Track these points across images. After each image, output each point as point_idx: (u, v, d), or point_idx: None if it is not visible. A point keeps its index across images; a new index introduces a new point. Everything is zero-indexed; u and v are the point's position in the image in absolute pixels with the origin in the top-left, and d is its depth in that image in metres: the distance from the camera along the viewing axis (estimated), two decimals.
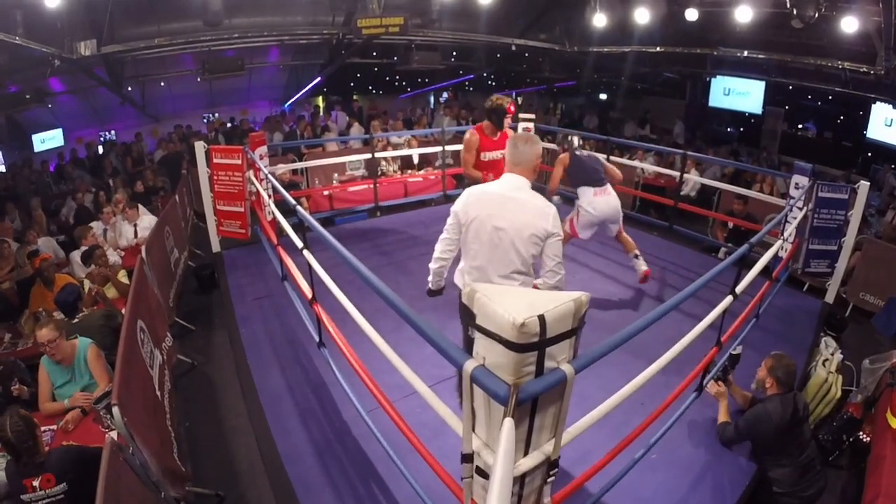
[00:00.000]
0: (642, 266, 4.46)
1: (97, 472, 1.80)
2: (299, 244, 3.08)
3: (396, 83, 13.31)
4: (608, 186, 4.42)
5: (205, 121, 11.12)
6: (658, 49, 9.60)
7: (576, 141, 4.65)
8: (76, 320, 3.66)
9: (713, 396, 3.07)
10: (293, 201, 3.18)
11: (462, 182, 7.59)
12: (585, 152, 4.70)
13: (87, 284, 4.38)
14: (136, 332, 2.91)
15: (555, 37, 9.99)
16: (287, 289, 3.88)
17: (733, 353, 3.12)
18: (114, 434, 2.49)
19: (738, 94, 11.33)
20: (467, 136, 3.84)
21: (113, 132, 10.29)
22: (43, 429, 2.72)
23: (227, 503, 2.81)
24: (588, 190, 4.36)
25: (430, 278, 2.74)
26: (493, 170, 3.74)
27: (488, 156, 3.83)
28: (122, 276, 4.56)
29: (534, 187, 2.43)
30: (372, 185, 6.61)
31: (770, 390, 2.77)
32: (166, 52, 7.60)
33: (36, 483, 2.23)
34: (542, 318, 1.30)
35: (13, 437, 2.24)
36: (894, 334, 4.34)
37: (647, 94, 13.02)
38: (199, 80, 9.54)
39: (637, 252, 4.51)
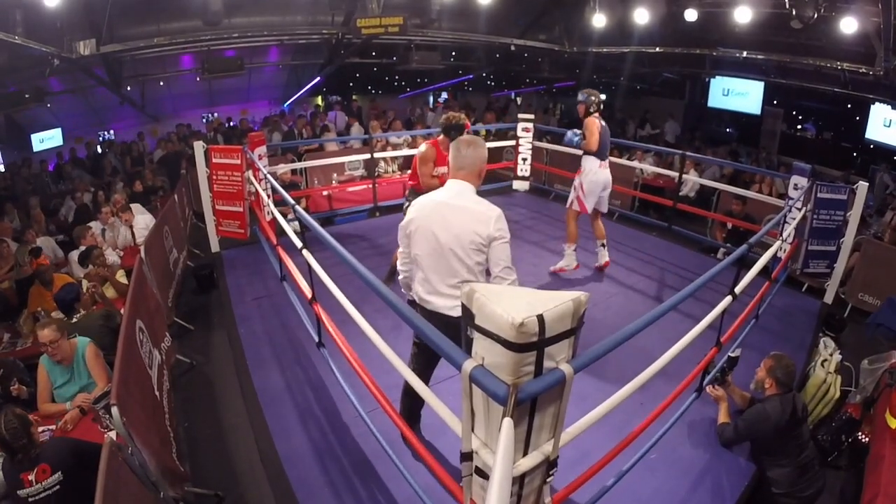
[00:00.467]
0: (605, 256, 4.93)
1: (92, 465, 1.80)
2: (298, 244, 3.08)
3: (396, 83, 13.31)
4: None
5: (204, 120, 11.11)
6: (657, 49, 9.60)
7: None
8: (75, 320, 3.66)
9: (713, 399, 3.08)
10: (292, 201, 3.18)
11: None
12: (603, 122, 4.81)
13: (85, 284, 4.37)
14: (135, 332, 2.91)
15: (554, 37, 10.00)
16: (286, 289, 3.88)
17: (732, 355, 3.12)
18: (113, 434, 2.49)
19: (738, 94, 11.33)
20: (424, 149, 3.86)
21: (112, 132, 10.28)
22: (41, 429, 2.72)
23: (226, 503, 2.80)
24: (595, 161, 4.65)
25: (404, 290, 2.63)
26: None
27: (440, 170, 3.84)
28: (121, 276, 4.55)
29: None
30: (371, 186, 6.61)
31: (769, 391, 2.78)
32: (166, 51, 7.59)
33: (31, 476, 2.23)
34: (540, 318, 1.30)
35: (7, 435, 2.25)
36: None
37: (646, 95, 13.03)
38: (198, 79, 9.54)
39: (605, 242, 4.92)
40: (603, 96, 15.06)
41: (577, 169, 4.82)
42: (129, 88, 9.08)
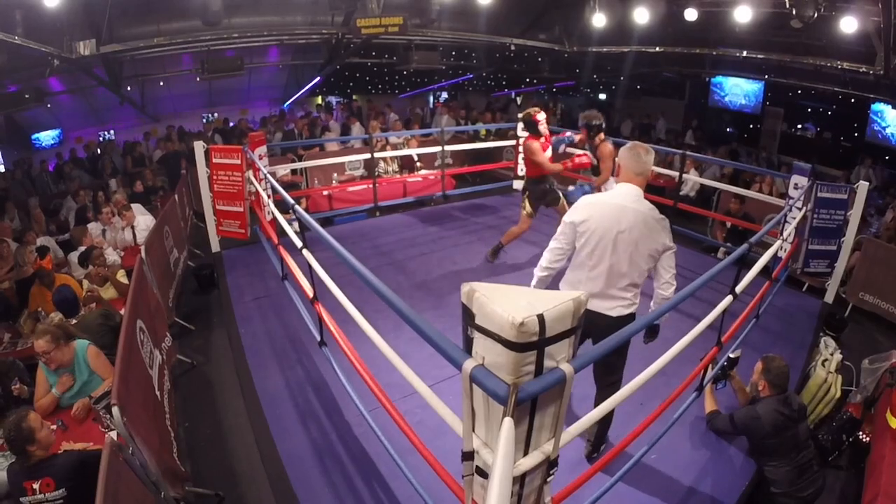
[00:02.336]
0: None
1: (97, 475, 1.80)
2: (299, 244, 3.08)
3: (396, 83, 13.30)
4: None
5: (204, 120, 11.11)
6: (657, 49, 9.59)
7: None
8: (75, 321, 3.66)
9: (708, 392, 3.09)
10: (292, 201, 3.18)
11: (464, 181, 7.65)
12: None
13: (85, 285, 4.38)
14: (135, 333, 2.91)
15: (554, 37, 9.99)
16: (287, 288, 3.88)
17: (732, 355, 3.11)
18: (113, 434, 2.48)
19: (738, 94, 11.34)
20: (532, 144, 4.47)
21: (112, 132, 10.28)
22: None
23: (226, 503, 2.80)
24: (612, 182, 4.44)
25: (533, 283, 2.61)
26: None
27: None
28: (122, 276, 4.55)
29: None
30: (371, 185, 6.61)
31: (763, 392, 2.79)
32: (165, 51, 7.58)
33: (36, 486, 2.24)
34: (541, 318, 1.30)
35: (7, 442, 2.27)
36: None
37: (646, 95, 13.03)
38: (198, 79, 9.53)
39: None
40: (602, 96, 15.03)
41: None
42: (129, 88, 9.08)
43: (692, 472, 2.75)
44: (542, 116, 4.59)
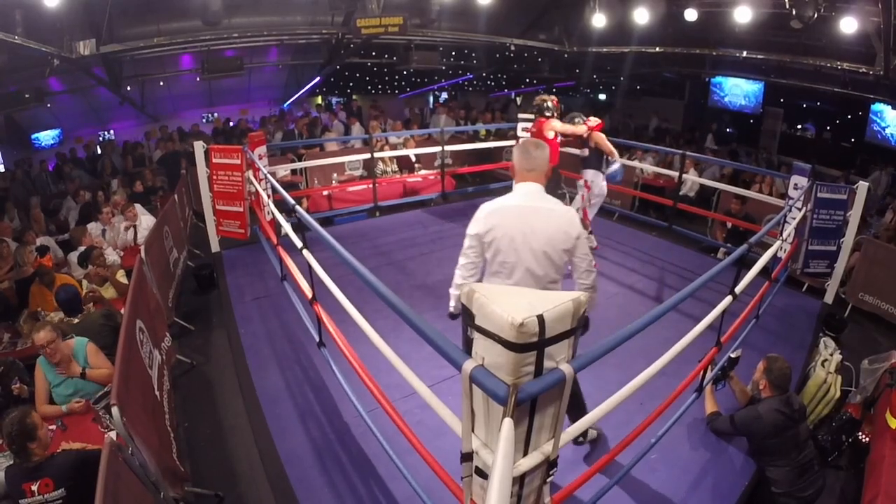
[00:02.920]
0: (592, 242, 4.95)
1: (97, 475, 1.80)
2: (299, 244, 3.08)
3: (395, 83, 13.30)
4: None
5: (203, 120, 11.11)
6: (657, 49, 9.60)
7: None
8: (76, 321, 3.66)
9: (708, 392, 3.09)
10: (292, 201, 3.18)
11: (464, 181, 7.65)
12: None
13: (85, 285, 4.37)
14: (135, 333, 2.91)
15: (554, 37, 9.99)
16: (286, 289, 3.88)
17: (732, 355, 3.12)
18: (113, 434, 2.48)
19: (738, 94, 11.34)
20: (553, 122, 4.83)
21: (112, 132, 10.28)
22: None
23: (226, 503, 2.80)
24: (598, 174, 4.78)
25: (452, 303, 2.64)
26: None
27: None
28: (121, 276, 4.55)
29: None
30: (371, 185, 6.61)
31: (764, 392, 2.79)
32: (165, 51, 7.58)
33: (34, 487, 2.23)
34: (540, 318, 1.30)
35: (7, 440, 2.27)
36: None
37: (646, 95, 13.03)
38: (198, 79, 9.54)
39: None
40: (602, 96, 15.00)
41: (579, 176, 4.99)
42: (128, 88, 9.07)
43: (692, 472, 2.75)
44: (550, 104, 4.90)
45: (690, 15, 7.83)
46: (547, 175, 2.32)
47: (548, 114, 4.83)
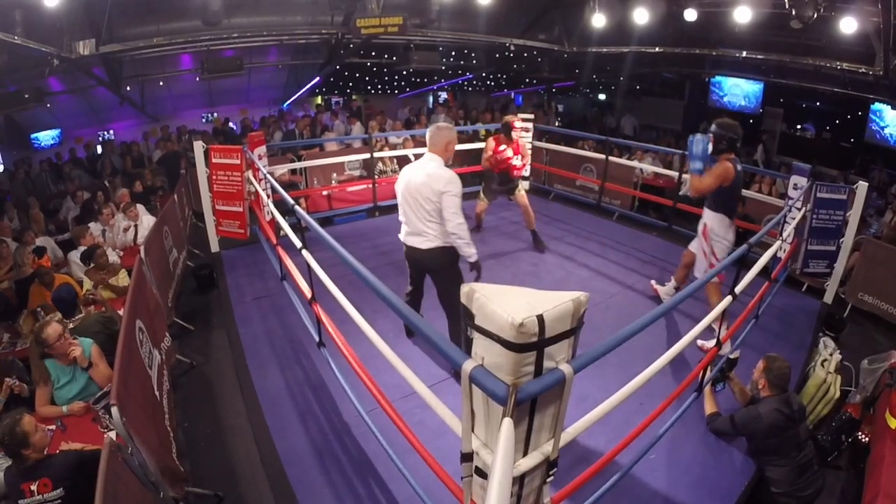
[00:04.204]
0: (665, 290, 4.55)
1: (96, 475, 1.79)
2: (298, 244, 3.08)
3: (395, 83, 13.30)
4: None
5: (203, 120, 11.11)
6: (657, 49, 9.60)
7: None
8: (72, 324, 3.64)
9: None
10: (291, 201, 3.18)
11: (463, 181, 7.71)
12: (739, 167, 3.62)
13: (85, 284, 4.37)
14: (135, 333, 2.91)
15: (554, 37, 9.99)
16: (286, 289, 3.88)
17: (731, 356, 3.11)
18: (112, 434, 2.48)
19: (737, 94, 11.34)
20: (488, 142, 5.39)
21: (112, 132, 10.27)
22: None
23: (226, 503, 2.80)
24: (725, 220, 3.72)
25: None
26: (502, 165, 5.25)
27: (499, 155, 5.23)
28: (123, 276, 4.55)
29: None
30: (371, 185, 6.60)
31: (763, 391, 2.79)
32: (165, 51, 7.57)
33: (34, 487, 2.23)
34: (540, 318, 1.30)
35: (1, 445, 2.27)
36: None
37: (645, 95, 13.03)
38: (198, 79, 9.53)
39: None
40: (602, 96, 15.00)
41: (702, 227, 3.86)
42: (128, 88, 9.07)
43: (692, 472, 2.75)
44: (520, 124, 5.11)
45: (690, 15, 7.83)
46: (444, 152, 3.12)
47: (505, 133, 5.32)
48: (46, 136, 9.48)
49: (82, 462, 2.32)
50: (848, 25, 6.50)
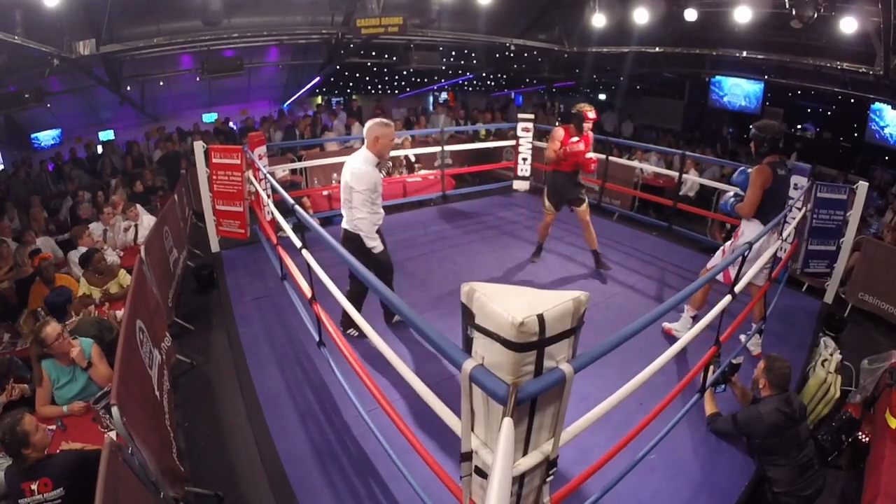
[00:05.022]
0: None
1: (96, 475, 1.80)
2: (298, 244, 3.08)
3: (395, 83, 13.31)
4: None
5: (203, 121, 11.11)
6: (657, 49, 9.60)
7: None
8: (69, 327, 3.62)
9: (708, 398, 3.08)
10: (292, 201, 3.18)
11: (463, 182, 7.73)
12: (782, 170, 3.38)
13: (83, 287, 4.37)
14: (135, 333, 2.91)
15: (554, 37, 9.99)
16: (286, 288, 3.88)
17: (734, 361, 3.10)
18: (113, 434, 2.48)
19: (737, 94, 11.35)
20: (554, 130, 4.67)
21: (112, 132, 10.27)
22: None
23: (226, 503, 2.80)
24: (760, 226, 3.39)
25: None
26: (575, 158, 4.55)
27: (569, 148, 4.57)
28: (123, 275, 4.55)
29: None
30: None
31: (763, 391, 2.79)
32: (165, 51, 7.58)
33: (34, 486, 2.23)
34: (541, 318, 1.30)
35: (2, 444, 2.27)
36: None
37: (645, 95, 13.03)
38: (198, 79, 9.53)
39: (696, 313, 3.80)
40: (602, 96, 14.99)
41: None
42: (128, 88, 9.07)
43: (692, 472, 2.75)
44: (592, 115, 4.53)
45: (690, 15, 7.83)
46: (372, 146, 3.42)
47: (576, 123, 4.59)
48: (46, 136, 9.49)
49: (82, 462, 2.32)
50: (848, 25, 6.51)
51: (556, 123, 12.15)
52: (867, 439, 3.17)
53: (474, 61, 11.75)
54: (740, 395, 3.09)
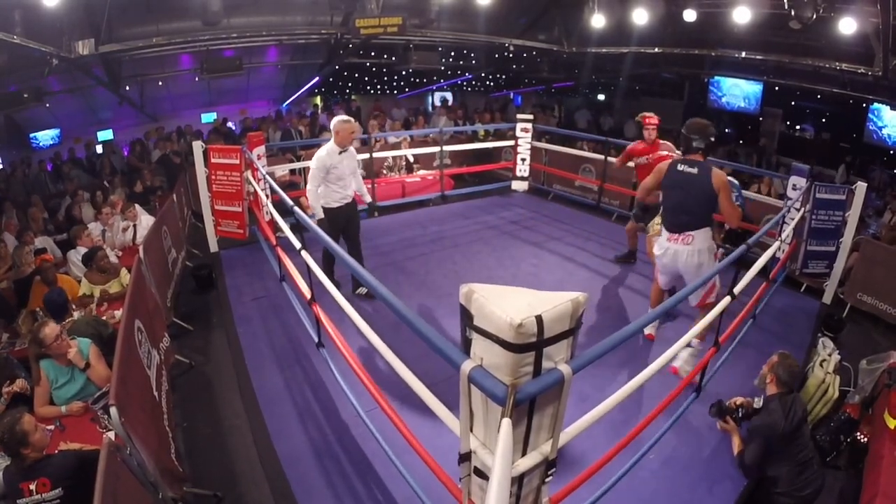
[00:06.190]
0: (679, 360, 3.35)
1: (95, 476, 1.79)
2: (297, 245, 3.08)
3: (394, 83, 13.30)
4: (694, 235, 3.18)
5: (202, 121, 11.10)
6: (656, 50, 9.61)
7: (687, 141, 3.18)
8: (64, 329, 3.61)
9: (723, 430, 2.98)
10: (290, 202, 3.18)
11: (463, 182, 7.70)
12: (689, 168, 3.15)
13: (84, 286, 4.36)
14: (133, 333, 2.91)
15: (553, 37, 9.99)
16: (285, 289, 3.88)
17: (726, 404, 2.98)
18: (111, 434, 2.48)
19: (737, 94, 11.35)
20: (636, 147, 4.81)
21: (111, 132, 10.26)
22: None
23: (225, 503, 2.80)
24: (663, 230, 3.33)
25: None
26: (643, 170, 4.51)
27: (639, 160, 4.80)
28: (124, 275, 4.54)
29: None
30: (370, 186, 6.59)
31: (770, 387, 2.76)
32: (165, 51, 7.57)
33: (32, 486, 2.23)
34: (539, 319, 1.30)
35: (1, 444, 2.27)
36: None
37: (645, 95, 13.03)
38: (197, 79, 9.52)
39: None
40: (601, 97, 14.99)
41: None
42: (127, 88, 9.06)
43: (692, 473, 2.75)
44: (652, 121, 4.63)
45: (689, 15, 7.84)
46: (335, 137, 4.16)
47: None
48: (45, 136, 9.47)
49: (81, 462, 2.31)
50: (847, 26, 6.52)
51: (556, 124, 12.18)
52: (866, 439, 3.17)
53: (473, 61, 11.74)
54: (734, 438, 2.90)
